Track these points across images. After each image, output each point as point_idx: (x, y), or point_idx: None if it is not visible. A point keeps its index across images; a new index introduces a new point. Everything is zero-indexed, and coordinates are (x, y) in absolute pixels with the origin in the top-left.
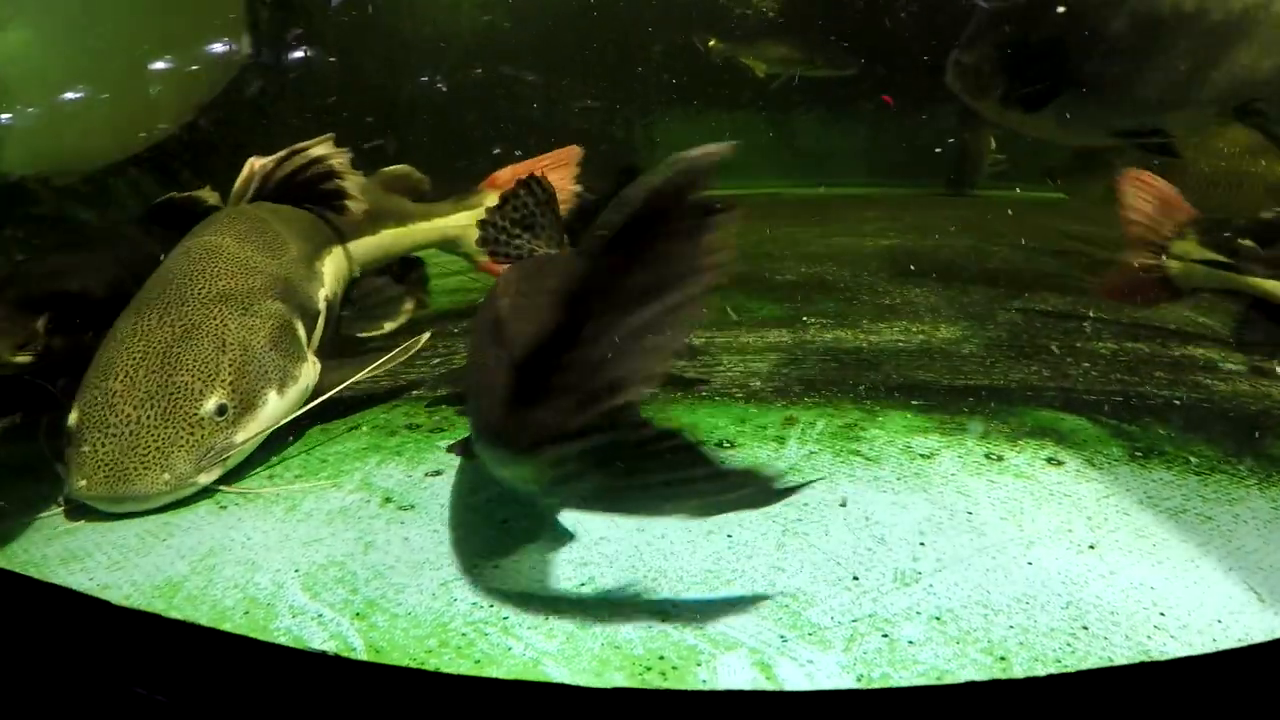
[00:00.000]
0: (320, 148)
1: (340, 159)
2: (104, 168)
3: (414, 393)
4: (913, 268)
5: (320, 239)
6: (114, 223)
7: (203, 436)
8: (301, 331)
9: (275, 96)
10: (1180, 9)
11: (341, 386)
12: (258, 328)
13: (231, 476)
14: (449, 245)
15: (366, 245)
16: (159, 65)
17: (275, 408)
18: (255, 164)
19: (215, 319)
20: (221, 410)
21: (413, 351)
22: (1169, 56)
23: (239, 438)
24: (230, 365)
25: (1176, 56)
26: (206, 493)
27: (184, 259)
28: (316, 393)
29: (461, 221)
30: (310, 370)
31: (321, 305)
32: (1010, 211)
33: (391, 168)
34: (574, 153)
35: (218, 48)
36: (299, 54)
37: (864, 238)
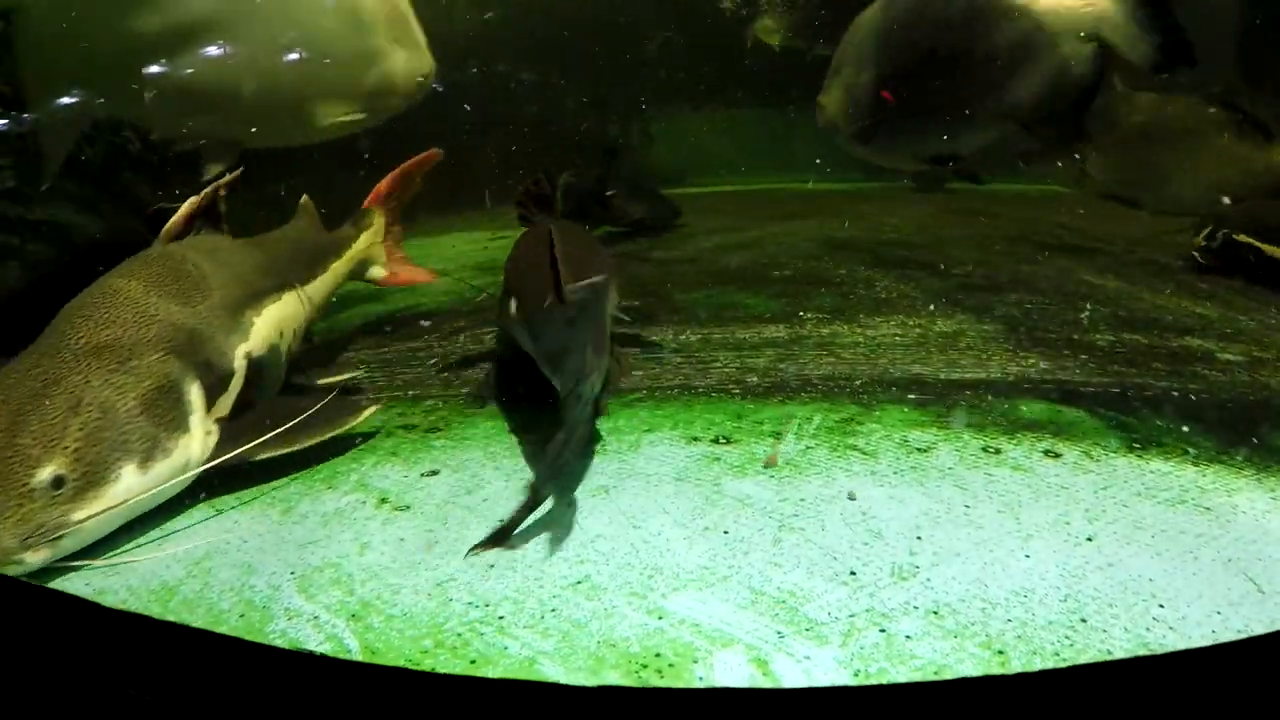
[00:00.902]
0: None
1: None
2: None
3: (411, 393)
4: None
5: (268, 283)
6: (109, 229)
7: (31, 511)
8: (195, 395)
9: None
10: (971, 56)
11: (228, 457)
12: (128, 387)
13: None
14: (359, 270)
15: (325, 285)
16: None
17: (132, 483)
18: (193, 201)
19: (80, 374)
20: (58, 482)
21: (347, 426)
22: (958, 96)
23: (77, 515)
24: (79, 430)
25: (964, 95)
26: (205, 494)
27: (81, 301)
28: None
29: (367, 243)
30: (195, 441)
31: (238, 363)
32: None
33: (303, 200)
34: (433, 155)
35: None
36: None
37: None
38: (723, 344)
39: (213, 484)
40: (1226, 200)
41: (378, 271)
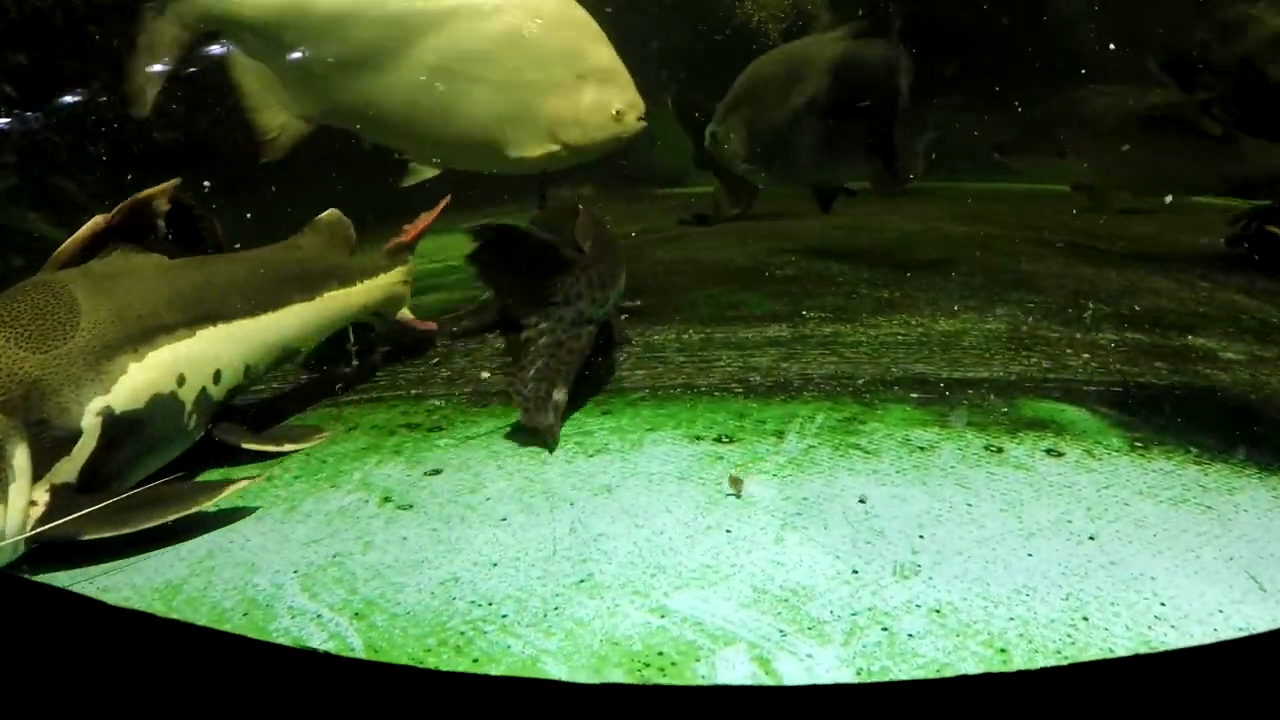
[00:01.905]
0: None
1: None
2: None
3: (414, 392)
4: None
5: (178, 317)
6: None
7: None
8: (19, 459)
9: None
10: (813, 104)
11: (38, 531)
12: None
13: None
14: (382, 310)
15: (296, 318)
16: None
17: None
18: (99, 220)
19: None
20: None
21: (198, 507)
22: (839, 134)
23: None
24: None
25: (840, 134)
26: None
27: None
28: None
29: (398, 279)
30: (12, 513)
31: (88, 421)
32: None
33: (326, 214)
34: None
35: None
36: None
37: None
38: (725, 343)
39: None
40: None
41: (405, 314)
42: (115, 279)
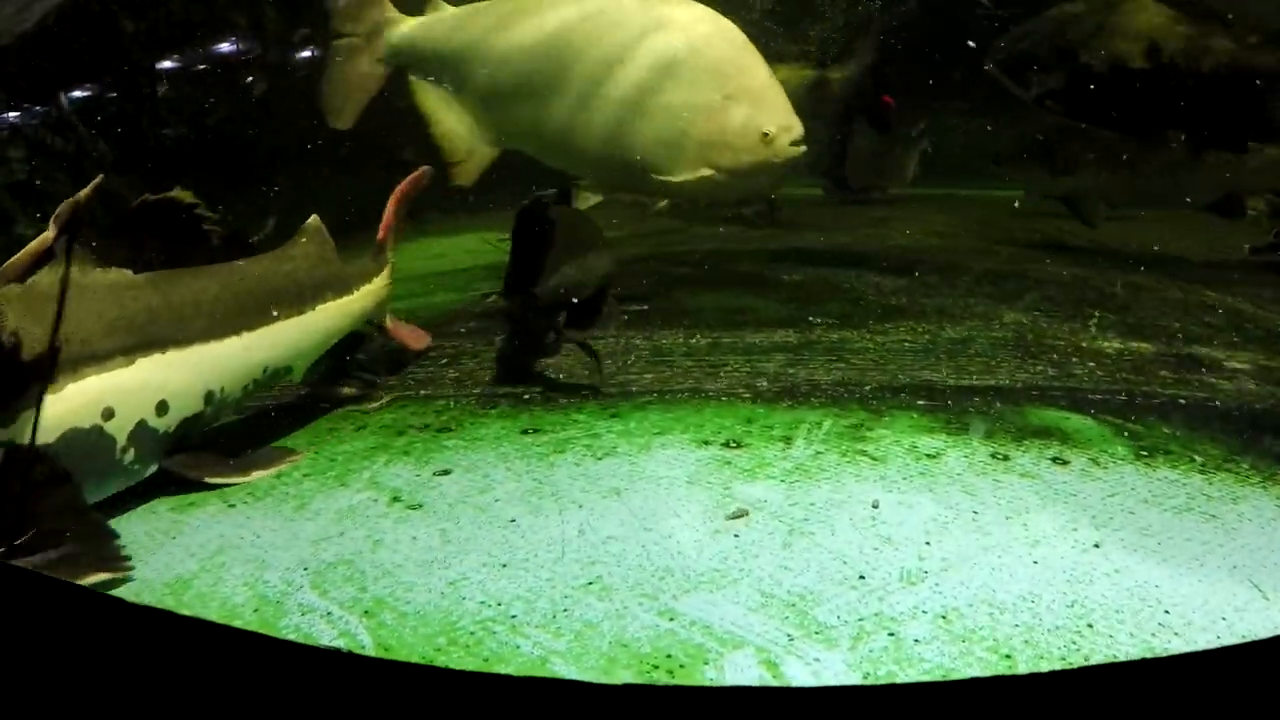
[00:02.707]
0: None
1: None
2: None
3: (422, 393)
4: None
5: (112, 344)
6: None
7: None
8: None
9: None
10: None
11: None
12: None
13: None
14: (376, 313)
15: (280, 335)
16: None
17: None
18: (47, 235)
19: None
20: None
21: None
22: None
23: None
24: None
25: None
26: (213, 490)
27: None
28: None
29: (386, 281)
30: None
31: None
32: None
33: (311, 221)
34: (425, 173)
35: None
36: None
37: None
38: (732, 348)
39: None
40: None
41: (388, 318)
42: (43, 302)
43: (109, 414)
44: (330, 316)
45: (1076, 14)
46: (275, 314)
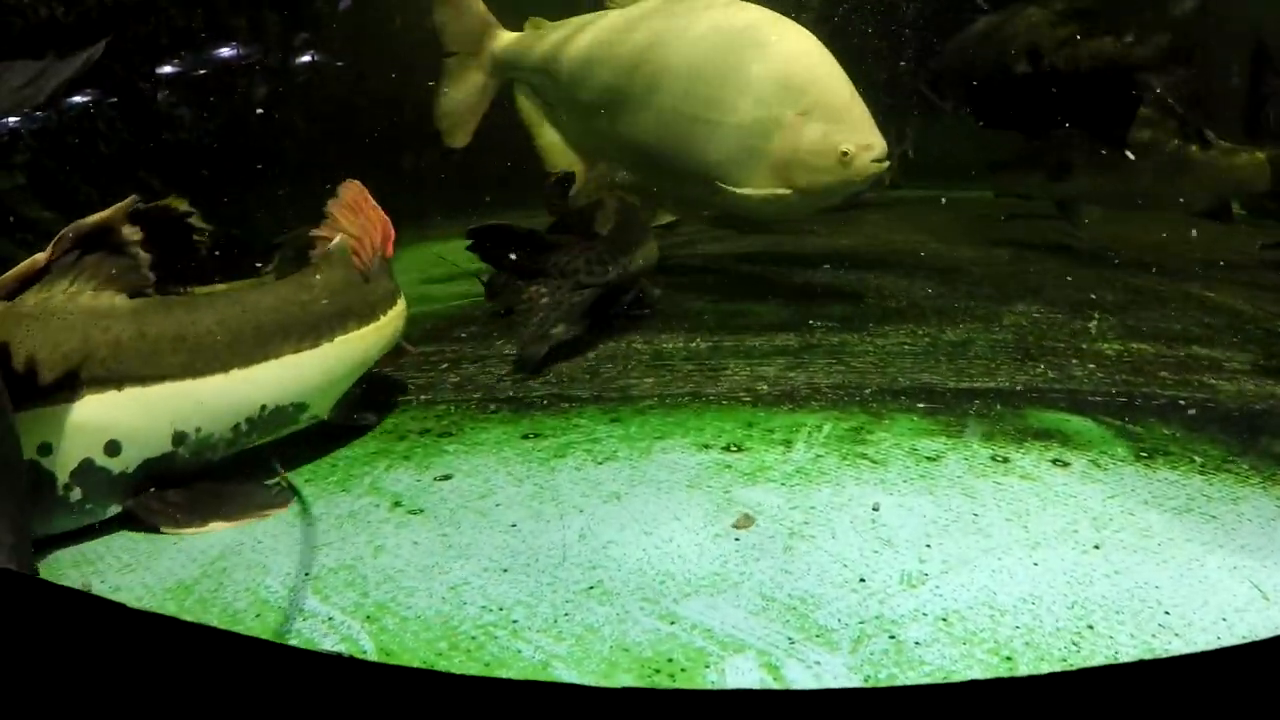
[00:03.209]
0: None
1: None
2: None
3: (423, 398)
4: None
5: (40, 380)
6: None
7: None
8: None
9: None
10: None
11: None
12: None
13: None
14: (399, 335)
15: (285, 372)
16: None
17: None
18: (39, 257)
19: None
20: None
21: None
22: None
23: None
24: None
25: None
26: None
27: None
28: None
29: (403, 304)
30: None
31: None
32: None
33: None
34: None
35: None
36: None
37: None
38: (733, 352)
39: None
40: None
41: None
42: (16, 325)
43: (45, 449)
44: (354, 348)
45: (976, 31)
46: (282, 348)
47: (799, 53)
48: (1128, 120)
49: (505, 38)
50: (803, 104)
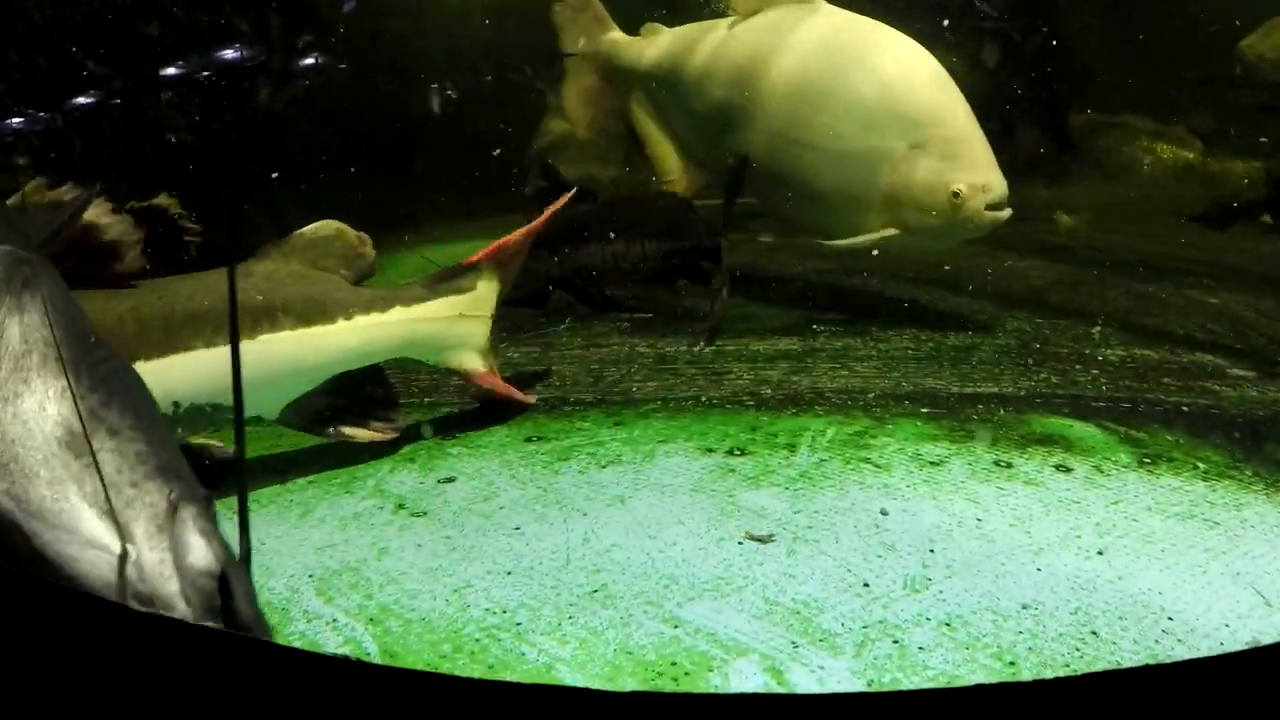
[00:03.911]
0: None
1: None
2: None
3: (426, 400)
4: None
5: None
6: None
7: None
8: None
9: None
10: None
11: None
12: None
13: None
14: (419, 351)
15: (181, 370)
16: None
17: None
18: None
19: None
20: None
21: None
22: None
23: None
24: None
25: None
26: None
27: None
28: None
29: (439, 314)
30: None
31: None
32: None
33: (313, 227)
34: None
35: None
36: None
37: None
38: (736, 355)
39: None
40: None
41: (472, 361)
42: None
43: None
44: (298, 348)
45: None
46: (194, 341)
47: (915, 76)
48: None
49: (621, 41)
50: (917, 135)
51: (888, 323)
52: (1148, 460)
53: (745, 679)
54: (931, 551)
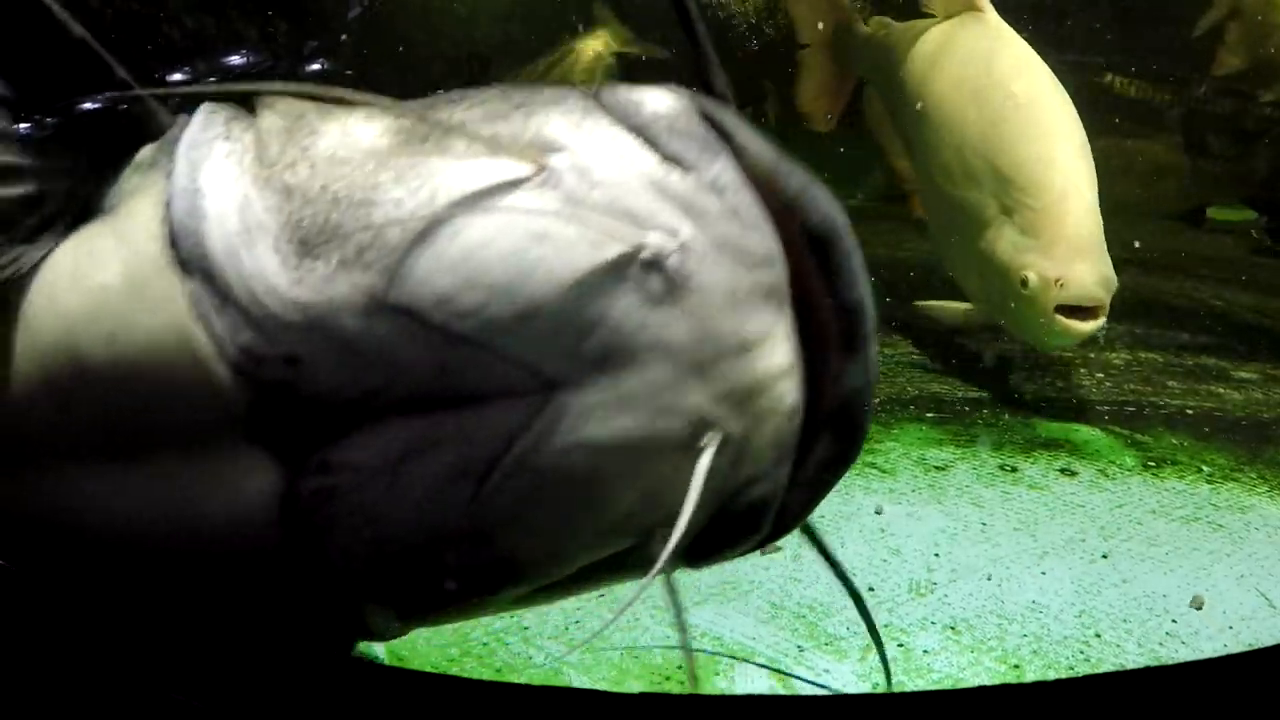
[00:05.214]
0: None
1: None
2: None
3: None
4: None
5: None
6: None
7: None
8: None
9: None
10: None
11: None
12: None
13: None
14: None
15: None
16: None
17: None
18: None
19: None
20: None
21: None
22: None
23: None
24: None
25: None
26: None
27: None
28: None
29: None
30: None
31: None
32: None
33: None
34: None
35: None
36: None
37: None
38: None
39: None
40: None
41: None
42: None
43: None
44: None
45: None
46: None
47: (1029, 123)
48: None
49: (855, 32)
50: (1008, 198)
51: (892, 328)
52: (1152, 463)
53: (751, 682)
54: (936, 555)
